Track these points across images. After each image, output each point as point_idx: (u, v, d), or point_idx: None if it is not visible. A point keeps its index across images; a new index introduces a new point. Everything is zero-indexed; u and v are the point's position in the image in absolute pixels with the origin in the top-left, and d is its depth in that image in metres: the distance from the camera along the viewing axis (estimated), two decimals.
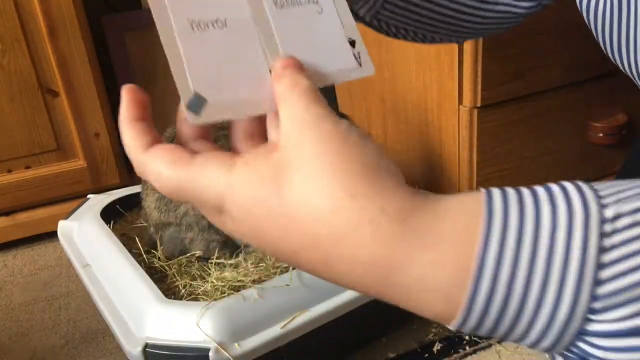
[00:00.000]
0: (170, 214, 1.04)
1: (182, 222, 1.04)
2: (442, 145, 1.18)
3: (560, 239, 0.27)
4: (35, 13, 1.32)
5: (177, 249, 1.06)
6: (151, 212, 1.07)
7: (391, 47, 1.25)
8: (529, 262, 0.27)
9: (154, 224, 1.08)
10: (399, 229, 0.28)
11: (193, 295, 0.95)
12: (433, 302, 0.29)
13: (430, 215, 0.29)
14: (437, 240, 0.28)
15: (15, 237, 1.46)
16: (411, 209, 0.29)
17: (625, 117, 1.19)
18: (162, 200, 1.05)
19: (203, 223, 1.03)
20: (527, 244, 0.27)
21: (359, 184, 0.29)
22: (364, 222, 0.28)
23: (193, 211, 1.03)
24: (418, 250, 0.28)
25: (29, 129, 1.39)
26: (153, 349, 0.80)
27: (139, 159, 0.37)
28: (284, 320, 0.85)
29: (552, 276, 0.27)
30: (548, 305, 0.27)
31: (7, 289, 1.31)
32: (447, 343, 1.02)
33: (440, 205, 0.29)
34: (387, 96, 1.33)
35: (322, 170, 0.29)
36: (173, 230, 1.05)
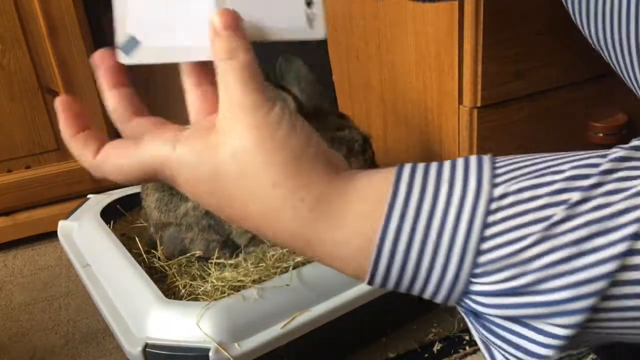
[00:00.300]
0: (170, 214, 1.04)
1: (182, 222, 1.04)
2: (442, 145, 1.18)
3: (451, 215, 0.32)
4: (35, 13, 1.32)
5: (177, 249, 1.06)
6: (151, 212, 1.07)
7: (391, 47, 1.25)
8: (423, 234, 0.32)
9: (153, 224, 1.08)
10: (314, 215, 0.35)
11: (193, 295, 0.95)
12: (344, 268, 0.36)
13: (341, 199, 0.35)
14: (343, 221, 0.34)
15: (15, 237, 1.46)
16: (327, 195, 0.35)
17: (625, 117, 1.18)
18: (162, 200, 1.05)
19: (203, 223, 1.03)
20: (423, 218, 0.32)
21: (283, 175, 0.34)
22: (287, 207, 0.35)
23: (193, 212, 1.03)
24: (328, 230, 0.34)
25: (29, 129, 1.39)
26: (153, 349, 0.80)
27: (93, 165, 0.43)
28: (284, 320, 0.85)
29: (442, 246, 0.32)
30: (438, 269, 0.33)
31: (7, 289, 1.31)
32: (447, 343, 1.02)
33: (352, 187, 0.35)
34: (387, 96, 1.33)
35: (252, 160, 0.35)
36: (173, 230, 1.05)
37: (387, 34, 1.26)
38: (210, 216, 1.03)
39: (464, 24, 1.03)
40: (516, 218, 0.31)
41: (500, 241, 0.31)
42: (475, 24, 1.01)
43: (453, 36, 1.05)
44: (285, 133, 0.35)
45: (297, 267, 0.94)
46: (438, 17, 1.08)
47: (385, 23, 1.26)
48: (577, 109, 1.17)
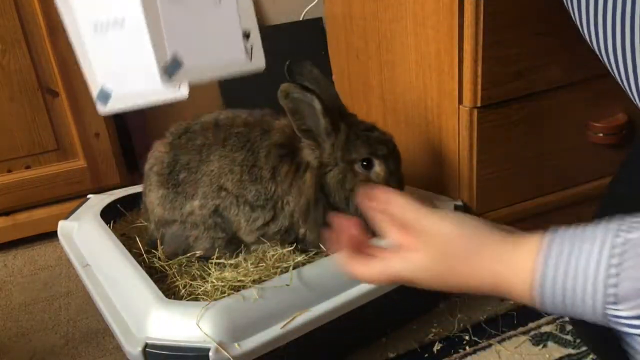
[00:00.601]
0: (175, 211, 1.04)
1: (187, 220, 1.04)
2: (442, 145, 1.18)
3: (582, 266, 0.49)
4: (36, 13, 1.32)
5: (180, 247, 1.06)
6: (154, 209, 1.07)
7: (391, 47, 1.25)
8: (571, 279, 0.49)
9: (155, 221, 1.08)
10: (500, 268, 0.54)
11: (193, 295, 0.95)
12: (520, 299, 0.53)
13: (513, 250, 0.54)
14: (517, 267, 0.53)
15: (15, 237, 1.46)
16: (508, 253, 0.54)
17: (625, 117, 1.19)
18: (167, 198, 1.04)
19: (209, 222, 1.03)
20: (571, 268, 0.49)
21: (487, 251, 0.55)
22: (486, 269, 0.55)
23: (200, 210, 1.02)
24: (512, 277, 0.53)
25: (29, 129, 1.39)
26: (153, 349, 0.80)
27: (378, 279, 0.63)
28: (284, 320, 0.85)
29: (582, 286, 0.49)
30: (581, 301, 0.49)
31: (7, 289, 1.31)
32: (447, 343, 1.02)
33: (520, 242, 0.54)
34: (387, 96, 1.33)
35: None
36: (177, 227, 1.05)
37: (387, 33, 1.26)
38: (218, 214, 1.03)
39: (464, 24, 1.03)
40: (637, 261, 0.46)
41: (625, 278, 0.46)
42: (476, 24, 1.01)
43: (453, 36, 1.05)
44: (481, 224, 0.58)
45: (297, 267, 0.94)
46: (438, 18, 1.08)
47: (385, 23, 1.26)
48: (577, 109, 1.17)
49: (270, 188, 1.01)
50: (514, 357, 0.98)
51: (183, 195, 1.04)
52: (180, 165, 1.04)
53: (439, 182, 1.21)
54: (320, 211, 1.00)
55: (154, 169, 1.07)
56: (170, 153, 1.06)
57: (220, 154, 1.02)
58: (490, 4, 1.00)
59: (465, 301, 1.12)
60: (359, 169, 0.99)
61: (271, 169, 1.01)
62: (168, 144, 1.07)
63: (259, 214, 1.02)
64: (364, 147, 0.98)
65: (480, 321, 1.07)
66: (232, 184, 1.02)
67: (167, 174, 1.05)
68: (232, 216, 1.03)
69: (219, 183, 1.02)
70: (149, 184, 1.08)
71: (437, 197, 1.18)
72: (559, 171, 1.20)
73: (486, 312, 1.09)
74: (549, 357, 0.97)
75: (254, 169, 1.01)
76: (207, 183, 1.02)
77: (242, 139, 1.03)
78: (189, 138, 1.06)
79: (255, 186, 1.01)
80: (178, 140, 1.07)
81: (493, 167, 1.13)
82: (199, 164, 1.03)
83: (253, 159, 1.02)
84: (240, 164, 1.02)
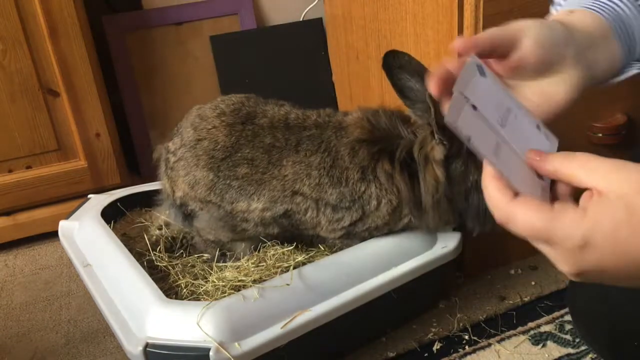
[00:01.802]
0: (224, 201, 0.99)
1: (238, 215, 1.00)
2: None
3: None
4: (36, 13, 1.32)
5: (223, 231, 1.02)
6: (196, 185, 1.01)
7: (391, 47, 1.25)
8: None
9: (192, 195, 1.02)
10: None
11: (194, 295, 0.95)
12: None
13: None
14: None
15: (16, 237, 1.47)
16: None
17: (625, 117, 1.19)
18: (217, 185, 0.99)
19: (268, 221, 1.00)
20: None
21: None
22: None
23: (261, 212, 0.99)
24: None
25: (29, 129, 1.40)
26: (154, 349, 0.80)
27: (506, 208, 0.48)
28: (284, 320, 0.85)
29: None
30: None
31: (8, 288, 1.31)
32: (447, 342, 1.03)
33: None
34: (387, 96, 1.33)
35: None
36: (223, 214, 1.01)
37: (387, 34, 1.27)
38: (286, 217, 0.99)
39: (464, 24, 1.03)
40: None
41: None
42: (475, 25, 1.01)
43: (453, 36, 1.06)
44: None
45: (297, 267, 0.94)
46: (438, 18, 1.09)
47: (385, 23, 1.26)
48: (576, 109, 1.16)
49: (360, 188, 0.96)
50: (514, 357, 0.98)
51: (239, 191, 0.99)
52: (242, 157, 0.99)
53: None
54: (452, 206, 0.93)
55: (204, 144, 1.00)
56: (230, 138, 1.00)
57: (294, 160, 0.98)
58: (490, 4, 1.00)
59: (465, 301, 1.13)
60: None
61: (360, 168, 0.96)
62: (227, 126, 1.01)
63: (343, 214, 0.98)
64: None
65: (480, 321, 1.07)
66: (309, 189, 0.97)
67: (220, 158, 0.99)
68: (309, 218, 0.99)
69: (293, 189, 0.97)
70: (195, 157, 1.01)
71: None
72: None
73: (486, 312, 1.09)
74: (548, 356, 0.98)
75: (334, 170, 0.97)
76: (278, 188, 0.97)
77: (316, 141, 0.98)
78: (256, 133, 1.00)
79: (337, 188, 0.96)
80: (241, 127, 1.01)
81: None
82: (267, 165, 0.98)
83: (330, 160, 0.97)
84: (317, 168, 0.97)
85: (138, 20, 1.69)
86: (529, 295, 1.13)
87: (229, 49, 1.74)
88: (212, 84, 1.76)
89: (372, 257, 0.97)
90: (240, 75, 1.74)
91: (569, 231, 0.45)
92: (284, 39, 1.80)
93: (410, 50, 1.19)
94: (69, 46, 1.36)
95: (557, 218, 0.45)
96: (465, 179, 0.91)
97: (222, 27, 1.77)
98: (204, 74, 1.77)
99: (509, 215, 0.48)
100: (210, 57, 1.75)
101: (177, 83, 1.75)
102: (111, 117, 1.49)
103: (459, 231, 1.05)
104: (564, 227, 0.45)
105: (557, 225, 0.45)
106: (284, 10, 1.85)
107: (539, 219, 0.46)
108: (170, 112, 1.74)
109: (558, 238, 0.45)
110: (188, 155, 1.02)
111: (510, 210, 0.48)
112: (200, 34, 1.75)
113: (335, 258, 0.97)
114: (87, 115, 1.42)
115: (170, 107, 1.74)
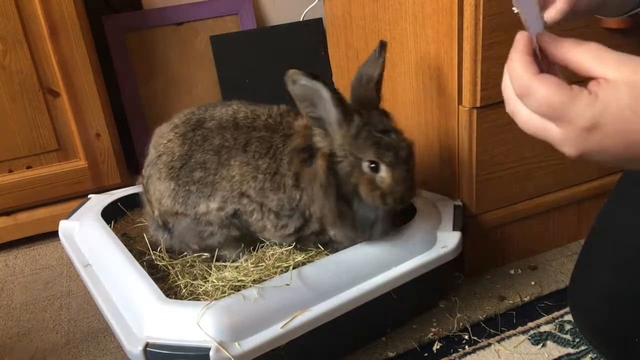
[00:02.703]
0: (188, 207, 1.03)
1: (201, 218, 1.03)
2: (442, 145, 1.18)
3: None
4: (36, 14, 1.32)
5: (192, 240, 1.05)
6: (162, 199, 1.05)
7: (391, 47, 1.26)
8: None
9: (162, 211, 1.06)
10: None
11: (194, 295, 0.95)
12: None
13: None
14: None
15: (16, 237, 1.47)
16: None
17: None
18: (179, 193, 1.03)
19: (225, 222, 1.02)
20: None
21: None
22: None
23: (217, 212, 1.02)
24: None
25: (30, 129, 1.40)
26: (154, 349, 0.80)
27: (528, 82, 0.50)
28: (284, 319, 0.85)
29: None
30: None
31: (8, 288, 1.31)
32: (447, 342, 1.03)
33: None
34: (386, 96, 1.33)
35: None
36: (190, 222, 1.04)
37: (387, 34, 1.27)
38: (237, 217, 1.02)
39: (464, 24, 1.03)
40: None
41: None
42: (475, 25, 1.01)
43: (452, 37, 1.06)
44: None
45: (297, 267, 0.94)
46: (438, 18, 1.09)
47: (385, 23, 1.26)
48: None
49: (295, 196, 0.99)
50: (513, 357, 0.98)
51: (197, 194, 1.02)
52: (196, 162, 1.02)
53: (438, 182, 1.22)
54: (333, 198, 0.96)
55: (163, 158, 1.05)
56: (184, 147, 1.03)
57: (242, 160, 1.00)
58: (490, 5, 1.00)
59: (465, 301, 1.13)
60: (366, 168, 0.94)
61: (294, 175, 0.98)
62: (180, 136, 1.05)
63: (286, 222, 1.01)
64: (370, 150, 0.93)
65: (480, 320, 1.07)
66: (254, 192, 1.00)
67: (178, 167, 1.03)
68: (255, 220, 1.02)
69: (240, 190, 1.00)
70: (157, 172, 1.05)
71: (437, 197, 1.18)
72: (558, 171, 1.20)
73: (485, 312, 1.09)
74: (548, 356, 0.98)
75: (276, 177, 0.99)
76: (227, 188, 1.00)
77: (265, 145, 1.00)
78: (205, 136, 1.03)
79: (277, 195, 0.99)
80: (192, 134, 1.04)
81: (492, 167, 1.14)
82: (217, 166, 1.01)
83: (276, 166, 0.99)
84: (263, 172, 0.99)
85: (138, 20, 1.70)
86: (529, 295, 1.13)
87: (229, 49, 1.74)
88: (212, 84, 1.76)
89: (372, 257, 0.97)
90: (240, 75, 1.74)
91: (582, 111, 0.47)
92: (284, 39, 1.80)
93: (411, 50, 1.19)
94: (69, 46, 1.36)
95: (574, 98, 0.48)
96: (350, 178, 0.95)
97: (222, 27, 1.77)
98: (204, 74, 1.77)
99: (530, 88, 0.50)
100: (210, 57, 1.75)
101: (177, 83, 1.76)
102: (111, 117, 1.49)
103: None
104: (578, 107, 0.48)
105: (572, 104, 0.48)
106: (284, 10, 1.85)
107: (557, 95, 0.48)
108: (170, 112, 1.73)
109: (570, 117, 0.48)
110: (152, 172, 1.07)
111: (533, 84, 0.50)
112: (200, 34, 1.75)
113: (335, 258, 0.97)
114: (87, 115, 1.43)
115: (171, 107, 1.74)
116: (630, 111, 0.47)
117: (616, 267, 0.84)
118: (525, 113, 0.52)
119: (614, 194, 0.90)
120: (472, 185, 1.14)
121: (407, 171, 0.94)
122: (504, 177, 1.16)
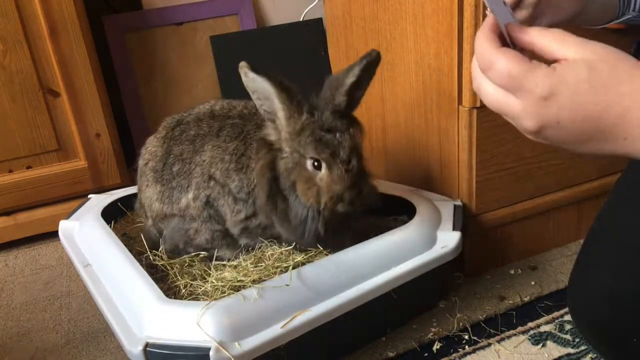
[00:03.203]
0: (173, 206, 1.05)
1: (185, 214, 1.04)
2: (442, 145, 1.18)
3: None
4: (36, 14, 1.32)
5: (181, 240, 1.06)
6: (152, 204, 1.07)
7: (391, 47, 1.26)
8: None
9: (154, 216, 1.08)
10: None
11: (194, 295, 0.95)
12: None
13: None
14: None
15: (16, 237, 1.47)
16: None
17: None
18: (165, 193, 1.05)
19: (204, 214, 1.03)
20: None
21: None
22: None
23: (194, 202, 1.03)
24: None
25: (30, 129, 1.40)
26: (154, 348, 0.80)
27: (490, 55, 0.53)
28: (284, 319, 0.85)
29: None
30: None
31: (8, 288, 1.31)
32: (447, 342, 1.03)
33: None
34: (387, 96, 1.33)
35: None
36: (177, 221, 1.05)
37: (387, 34, 1.27)
38: (210, 206, 1.03)
39: (464, 24, 1.03)
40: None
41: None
42: (475, 25, 1.01)
43: (453, 37, 1.06)
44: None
45: (297, 267, 0.94)
46: (438, 18, 1.09)
47: (385, 23, 1.26)
48: None
49: (253, 180, 1.00)
50: (513, 357, 0.98)
51: (178, 189, 1.04)
52: (174, 156, 1.05)
53: (438, 182, 1.22)
54: (265, 192, 0.96)
55: (149, 164, 1.07)
56: (164, 146, 1.06)
57: (213, 144, 1.02)
58: None
59: (465, 301, 1.13)
60: (309, 166, 0.93)
61: (257, 160, 0.99)
62: (161, 138, 1.08)
63: (241, 207, 1.02)
64: (310, 147, 0.91)
65: (480, 320, 1.07)
66: (220, 173, 1.01)
67: (161, 168, 1.05)
68: (220, 207, 1.03)
69: (209, 172, 1.02)
70: (146, 180, 1.08)
71: (437, 197, 1.18)
72: (558, 171, 1.20)
73: (485, 312, 1.09)
74: (548, 356, 0.98)
75: (242, 158, 1.01)
76: (199, 173, 1.02)
77: (237, 129, 1.03)
78: (183, 130, 1.06)
79: (239, 175, 1.00)
80: (171, 133, 1.07)
81: (492, 167, 1.14)
82: (192, 154, 1.03)
83: (244, 148, 1.01)
84: (230, 153, 1.01)
85: (138, 20, 1.70)
86: (529, 295, 1.13)
87: (229, 49, 1.74)
88: (212, 84, 1.76)
89: (372, 257, 0.97)
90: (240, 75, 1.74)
91: (539, 80, 0.50)
92: (284, 39, 1.80)
93: (411, 50, 1.19)
94: (69, 46, 1.36)
95: (532, 69, 0.51)
96: (289, 174, 0.95)
97: (222, 27, 1.77)
98: (204, 74, 1.77)
99: (492, 61, 0.53)
100: (210, 57, 1.75)
101: (177, 83, 1.76)
102: (111, 117, 1.49)
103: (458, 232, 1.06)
104: (536, 77, 0.50)
105: (530, 75, 0.51)
106: (284, 10, 1.85)
107: (516, 67, 0.51)
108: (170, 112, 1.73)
109: (529, 86, 0.51)
110: (142, 181, 1.10)
111: (494, 57, 0.53)
112: (200, 34, 1.75)
113: (335, 258, 0.97)
114: (87, 115, 1.43)
115: (171, 107, 1.74)
116: (588, 84, 0.49)
117: (615, 267, 0.84)
118: (490, 88, 0.55)
119: (613, 194, 0.90)
120: (472, 185, 1.14)
121: (346, 171, 0.91)
122: (504, 177, 1.16)
